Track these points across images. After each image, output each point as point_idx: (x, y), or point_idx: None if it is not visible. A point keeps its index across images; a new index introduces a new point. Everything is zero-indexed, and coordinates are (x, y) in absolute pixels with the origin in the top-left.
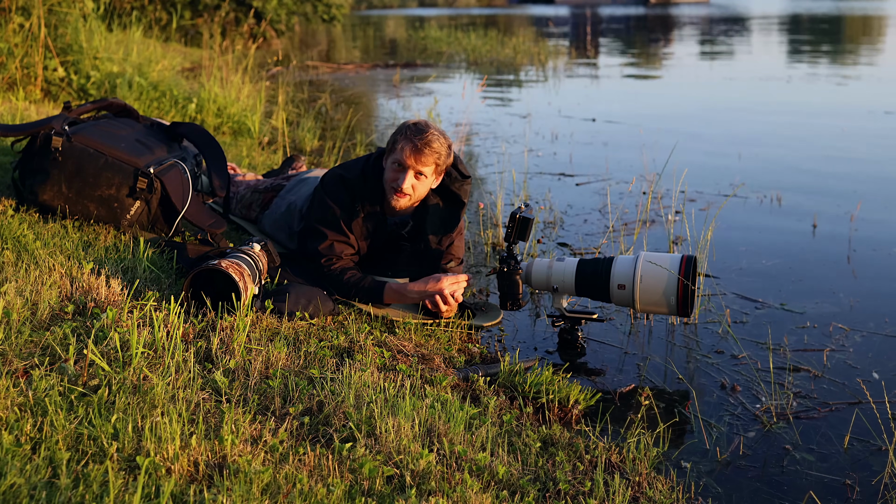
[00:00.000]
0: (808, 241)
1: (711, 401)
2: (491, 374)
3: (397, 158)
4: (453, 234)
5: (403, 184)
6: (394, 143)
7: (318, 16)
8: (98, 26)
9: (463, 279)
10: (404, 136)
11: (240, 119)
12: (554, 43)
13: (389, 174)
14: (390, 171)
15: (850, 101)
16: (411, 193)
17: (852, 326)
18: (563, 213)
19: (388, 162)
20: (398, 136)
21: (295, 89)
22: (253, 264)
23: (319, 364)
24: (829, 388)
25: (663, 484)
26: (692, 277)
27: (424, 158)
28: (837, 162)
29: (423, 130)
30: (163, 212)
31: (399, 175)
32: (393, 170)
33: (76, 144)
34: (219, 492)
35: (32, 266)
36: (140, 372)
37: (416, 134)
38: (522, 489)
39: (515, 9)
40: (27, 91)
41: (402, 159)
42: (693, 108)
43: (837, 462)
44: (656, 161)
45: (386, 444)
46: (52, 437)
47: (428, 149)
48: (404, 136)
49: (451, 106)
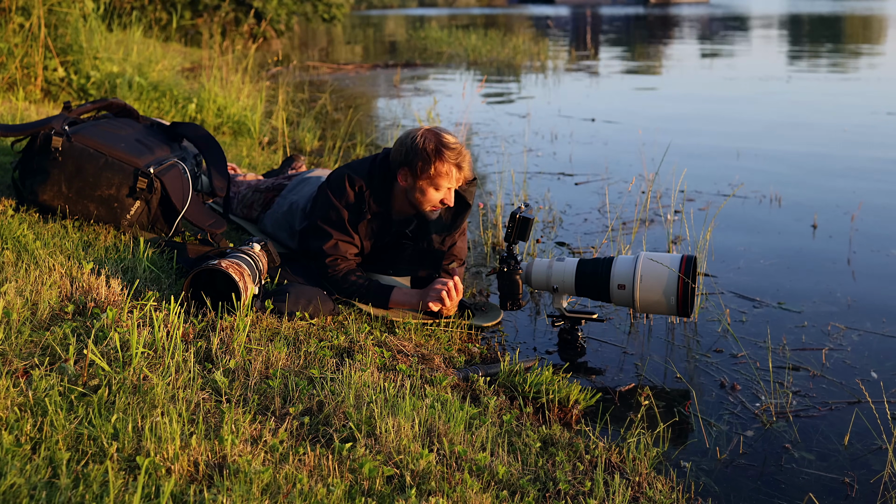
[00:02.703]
0: (807, 241)
1: (711, 400)
2: (491, 374)
3: (439, 183)
4: (456, 234)
5: (450, 199)
6: (425, 167)
7: (318, 15)
8: (98, 26)
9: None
10: (441, 160)
11: (240, 119)
12: (554, 43)
13: (431, 195)
14: (431, 193)
15: (851, 101)
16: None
17: (851, 326)
18: (562, 212)
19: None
20: (431, 160)
21: (295, 89)
22: (253, 264)
23: (319, 364)
24: (829, 388)
25: (663, 484)
26: (692, 277)
27: (467, 170)
28: (838, 162)
29: (455, 148)
30: (163, 212)
31: (437, 195)
32: (433, 190)
33: (76, 144)
34: (219, 492)
35: (32, 266)
36: (140, 372)
37: (454, 155)
38: (522, 489)
39: (515, 9)
40: (27, 91)
41: (444, 182)
42: (693, 107)
43: (837, 461)
44: (656, 161)
45: (386, 444)
46: (52, 437)
47: (467, 162)
48: (441, 160)
49: (451, 106)
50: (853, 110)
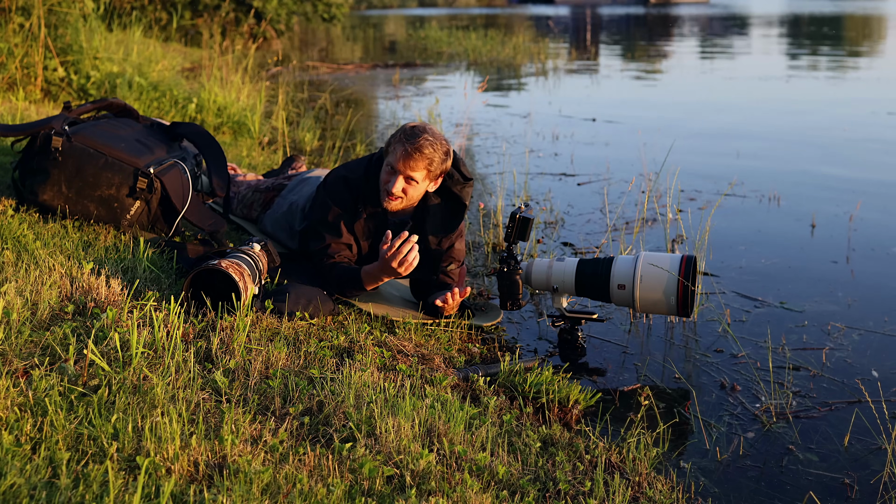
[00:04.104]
0: (807, 241)
1: (711, 400)
2: (491, 374)
3: (390, 161)
4: (453, 235)
5: (394, 188)
6: (388, 146)
7: (318, 15)
8: (98, 26)
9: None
10: (398, 140)
11: (240, 119)
12: (554, 43)
13: (383, 176)
14: (384, 174)
15: (851, 101)
16: (402, 197)
17: (851, 325)
18: (563, 213)
19: (384, 164)
20: (393, 139)
21: (295, 89)
22: (253, 264)
23: (319, 364)
24: (829, 387)
25: (663, 484)
26: (692, 277)
27: (414, 164)
28: (837, 162)
29: (416, 135)
30: (163, 212)
31: (391, 178)
32: (386, 172)
33: (76, 144)
34: (219, 492)
35: (32, 266)
36: (140, 372)
37: (408, 139)
38: (522, 489)
39: (515, 9)
40: (27, 91)
41: (393, 163)
42: (693, 107)
43: (837, 461)
44: (656, 161)
45: (386, 444)
46: (52, 437)
47: (418, 154)
48: (398, 140)
49: (452, 106)
50: (853, 110)
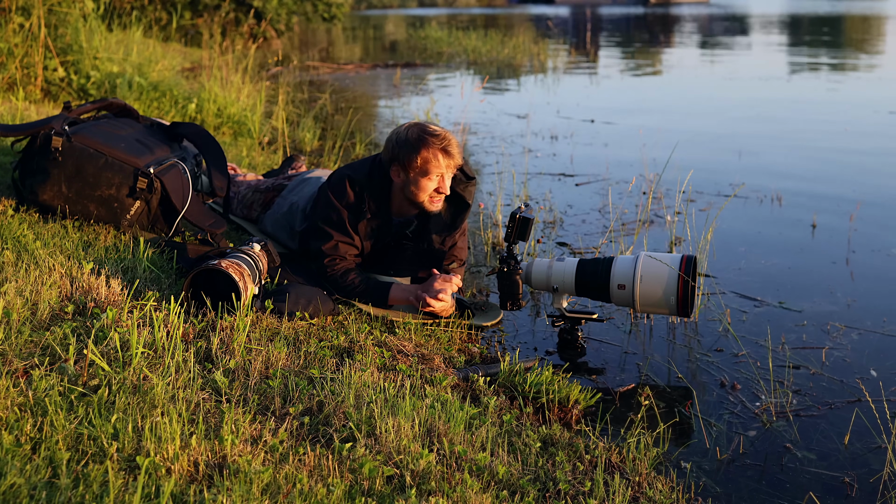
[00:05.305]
0: (807, 241)
1: (711, 399)
2: (491, 374)
3: (428, 170)
4: (456, 234)
5: (444, 187)
6: (412, 158)
7: (318, 15)
8: (98, 26)
9: (453, 283)
10: (426, 147)
11: (240, 119)
12: (554, 43)
13: (424, 184)
14: (423, 183)
15: (852, 101)
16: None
17: (851, 325)
18: (563, 213)
19: (412, 178)
20: (418, 149)
21: (295, 89)
22: (253, 264)
23: (319, 364)
24: (829, 386)
25: (663, 484)
26: (692, 277)
27: (454, 153)
28: (838, 162)
29: (433, 133)
30: (163, 212)
31: (428, 183)
32: (426, 180)
33: (76, 144)
34: (219, 492)
35: (32, 266)
36: (140, 372)
37: (439, 141)
38: (522, 489)
39: (515, 9)
40: (27, 91)
41: (434, 168)
42: (693, 107)
43: (837, 460)
44: (656, 161)
45: (386, 444)
46: (52, 437)
47: (451, 146)
48: (426, 147)
49: (451, 106)
50: (854, 110)
